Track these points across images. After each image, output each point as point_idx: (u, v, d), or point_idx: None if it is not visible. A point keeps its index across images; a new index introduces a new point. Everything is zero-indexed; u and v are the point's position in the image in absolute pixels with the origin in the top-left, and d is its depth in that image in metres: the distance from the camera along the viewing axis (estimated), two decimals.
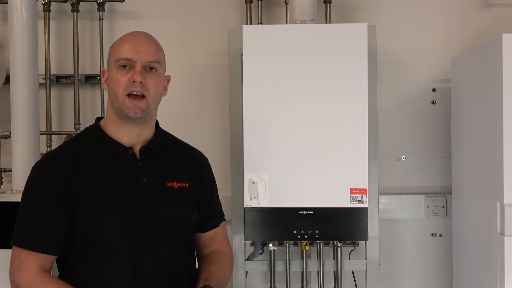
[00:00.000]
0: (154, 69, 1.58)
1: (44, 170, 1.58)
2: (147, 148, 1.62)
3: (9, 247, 1.96)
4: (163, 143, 1.68)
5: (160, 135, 1.68)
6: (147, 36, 1.62)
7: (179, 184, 1.64)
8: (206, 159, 1.79)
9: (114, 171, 1.58)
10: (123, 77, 1.54)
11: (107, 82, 1.60)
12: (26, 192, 1.58)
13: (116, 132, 1.60)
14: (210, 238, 1.75)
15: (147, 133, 1.64)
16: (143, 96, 1.55)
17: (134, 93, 1.54)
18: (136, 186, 1.58)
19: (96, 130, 1.63)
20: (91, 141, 1.61)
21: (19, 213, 1.57)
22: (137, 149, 1.61)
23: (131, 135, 1.61)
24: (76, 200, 1.52)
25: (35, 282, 1.49)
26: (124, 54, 1.55)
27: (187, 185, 1.66)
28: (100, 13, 2.69)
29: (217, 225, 1.77)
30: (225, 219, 1.82)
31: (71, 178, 1.53)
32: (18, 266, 1.52)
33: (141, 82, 1.53)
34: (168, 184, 1.63)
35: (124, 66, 1.55)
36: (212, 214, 1.76)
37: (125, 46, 1.57)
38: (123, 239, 1.54)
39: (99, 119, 1.68)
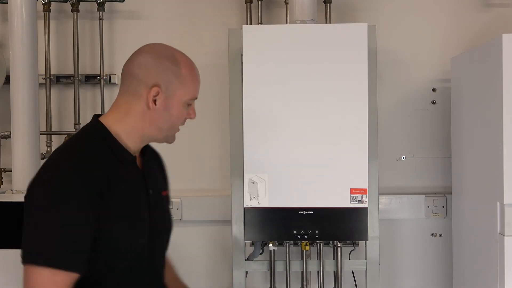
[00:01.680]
0: None
1: (76, 180, 1.36)
2: (146, 158, 1.56)
3: (9, 247, 1.97)
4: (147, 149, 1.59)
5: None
6: None
7: (165, 192, 1.60)
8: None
9: (130, 183, 1.47)
10: (185, 113, 1.52)
11: (156, 102, 1.45)
12: (57, 205, 1.33)
13: (130, 141, 1.49)
14: None
15: None
16: None
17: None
18: (147, 198, 1.50)
19: (106, 135, 1.48)
20: (103, 147, 1.46)
21: (46, 227, 1.32)
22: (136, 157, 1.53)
23: (139, 147, 1.53)
24: (105, 214, 1.38)
25: None
26: (196, 93, 1.53)
27: (169, 192, 1.63)
28: (100, 13, 2.69)
29: None
30: None
31: (105, 189, 1.38)
32: None
33: None
34: (164, 194, 1.59)
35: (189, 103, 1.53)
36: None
37: (197, 84, 1.53)
38: (144, 254, 1.48)
39: (97, 116, 1.56)
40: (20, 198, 2.07)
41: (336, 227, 2.16)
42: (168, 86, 1.46)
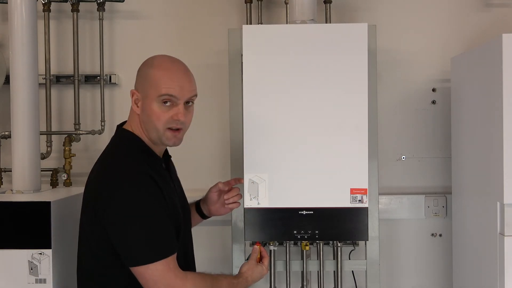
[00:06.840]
0: (191, 103, 1.65)
1: (147, 187, 1.55)
2: (166, 158, 1.75)
3: (9, 247, 1.96)
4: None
5: None
6: (186, 69, 1.65)
7: (182, 187, 1.81)
8: None
9: (169, 184, 1.67)
10: (166, 113, 1.58)
11: (138, 104, 1.61)
12: (142, 206, 1.52)
13: (152, 146, 1.67)
14: None
15: None
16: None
17: (174, 127, 1.61)
18: (177, 196, 1.71)
19: (141, 145, 1.64)
20: (142, 153, 1.63)
21: (142, 227, 1.51)
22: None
23: (160, 150, 1.70)
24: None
25: (199, 278, 1.58)
26: (168, 91, 1.57)
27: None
28: (100, 13, 2.69)
29: None
30: None
31: (163, 191, 1.59)
32: (174, 276, 1.51)
33: None
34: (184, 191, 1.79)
35: (165, 101, 1.58)
36: None
37: (169, 82, 1.58)
38: (181, 249, 1.64)
39: (123, 127, 1.69)
40: (20, 198, 2.08)
41: (336, 227, 2.16)
42: (142, 89, 1.60)
